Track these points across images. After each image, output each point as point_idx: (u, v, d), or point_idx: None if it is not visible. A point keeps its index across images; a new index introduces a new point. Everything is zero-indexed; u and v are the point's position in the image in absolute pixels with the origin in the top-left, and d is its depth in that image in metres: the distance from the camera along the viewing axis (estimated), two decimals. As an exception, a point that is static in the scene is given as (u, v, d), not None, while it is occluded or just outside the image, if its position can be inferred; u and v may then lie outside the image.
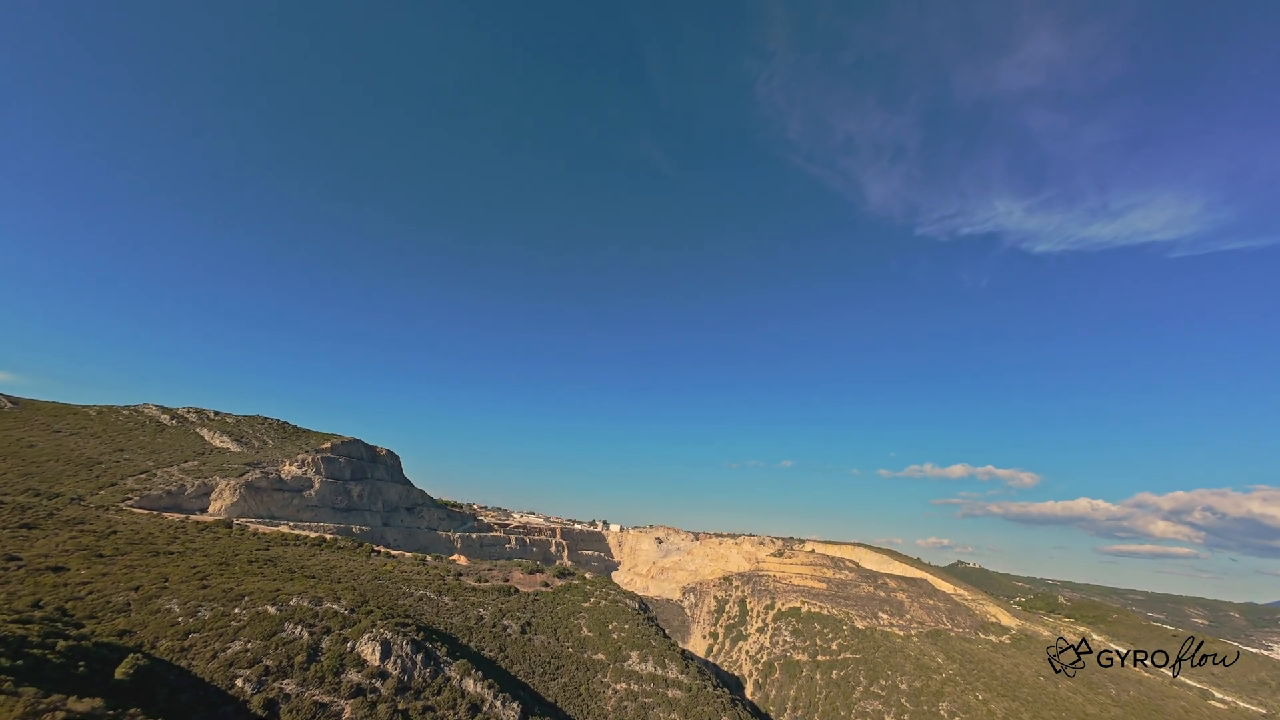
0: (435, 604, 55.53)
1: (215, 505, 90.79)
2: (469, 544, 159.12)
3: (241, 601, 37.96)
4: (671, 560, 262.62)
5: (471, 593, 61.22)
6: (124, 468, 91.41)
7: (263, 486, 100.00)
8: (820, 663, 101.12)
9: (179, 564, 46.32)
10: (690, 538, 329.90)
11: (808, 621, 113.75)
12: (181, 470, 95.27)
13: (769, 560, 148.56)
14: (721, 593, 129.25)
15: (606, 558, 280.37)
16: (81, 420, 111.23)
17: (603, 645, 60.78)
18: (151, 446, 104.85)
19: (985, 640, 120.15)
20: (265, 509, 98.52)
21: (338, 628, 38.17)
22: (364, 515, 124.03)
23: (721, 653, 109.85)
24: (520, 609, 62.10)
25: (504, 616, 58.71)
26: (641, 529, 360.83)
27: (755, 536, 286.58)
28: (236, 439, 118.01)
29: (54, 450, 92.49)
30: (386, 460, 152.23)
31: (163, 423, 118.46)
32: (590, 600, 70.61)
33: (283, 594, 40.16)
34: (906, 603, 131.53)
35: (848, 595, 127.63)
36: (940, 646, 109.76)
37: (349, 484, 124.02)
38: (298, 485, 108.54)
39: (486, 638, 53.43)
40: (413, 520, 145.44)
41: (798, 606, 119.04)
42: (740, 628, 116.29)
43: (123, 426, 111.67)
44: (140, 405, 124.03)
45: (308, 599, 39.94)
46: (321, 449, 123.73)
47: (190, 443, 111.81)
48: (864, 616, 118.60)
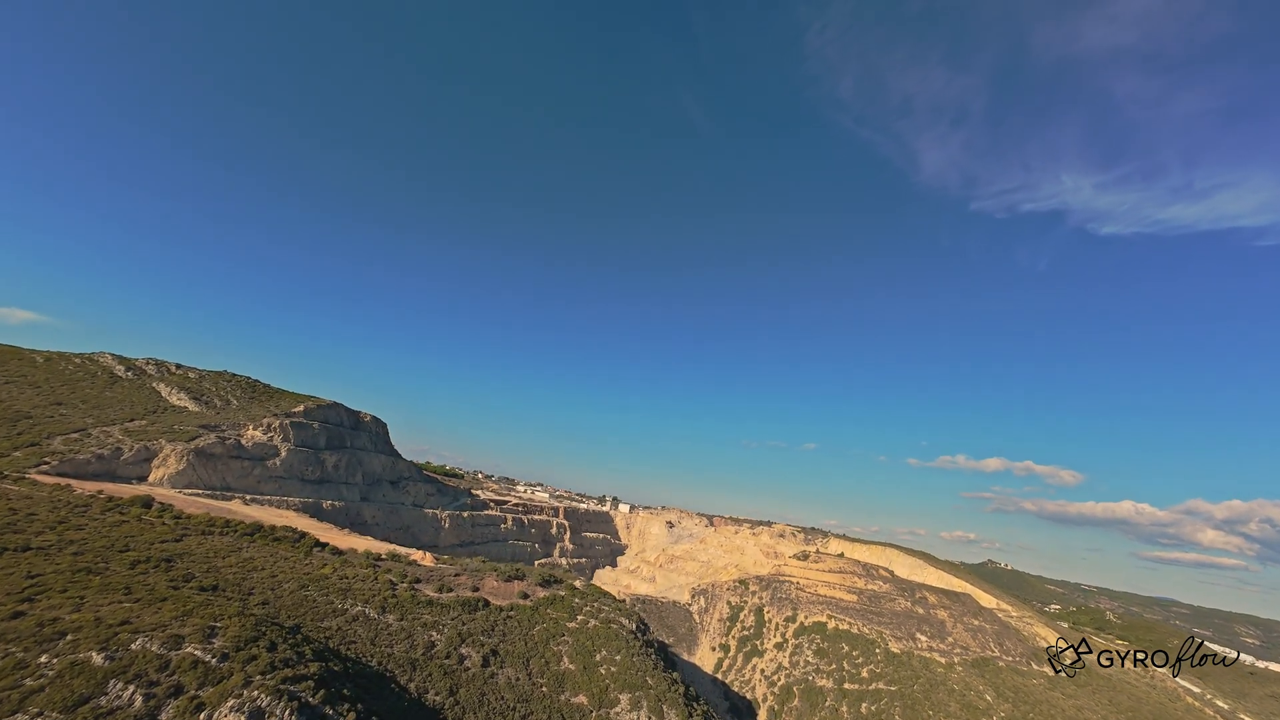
0: (375, 625, 45.88)
1: (157, 473, 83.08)
2: (459, 525, 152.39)
3: (59, 643, 28.05)
4: (682, 548, 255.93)
5: (426, 608, 51.55)
6: (57, 424, 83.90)
7: (217, 453, 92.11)
8: (848, 692, 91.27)
9: (28, 565, 36.98)
10: (704, 522, 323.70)
11: (834, 640, 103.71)
12: (123, 431, 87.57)
13: (792, 564, 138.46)
14: (736, 598, 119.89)
15: (613, 540, 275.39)
16: (25, 367, 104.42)
17: (586, 684, 50.90)
18: (97, 401, 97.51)
19: (1040, 673, 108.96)
20: (219, 479, 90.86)
21: (194, 686, 28.10)
22: (339, 489, 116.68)
23: (733, 669, 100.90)
24: (487, 630, 52.36)
25: (464, 642, 48.97)
26: (652, 510, 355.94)
27: (774, 526, 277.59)
28: (196, 397, 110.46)
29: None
30: (370, 427, 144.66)
31: (116, 374, 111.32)
32: (577, 619, 60.79)
33: (130, 627, 30.23)
34: (948, 623, 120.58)
35: (881, 611, 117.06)
36: (989, 679, 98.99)
37: (323, 453, 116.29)
38: (260, 453, 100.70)
39: (435, 674, 43.68)
40: (396, 495, 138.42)
41: (823, 621, 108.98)
42: (756, 641, 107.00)
43: (70, 377, 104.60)
44: (95, 354, 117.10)
45: (161, 638, 29.92)
46: (293, 412, 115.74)
47: (143, 398, 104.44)
48: (899, 637, 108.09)
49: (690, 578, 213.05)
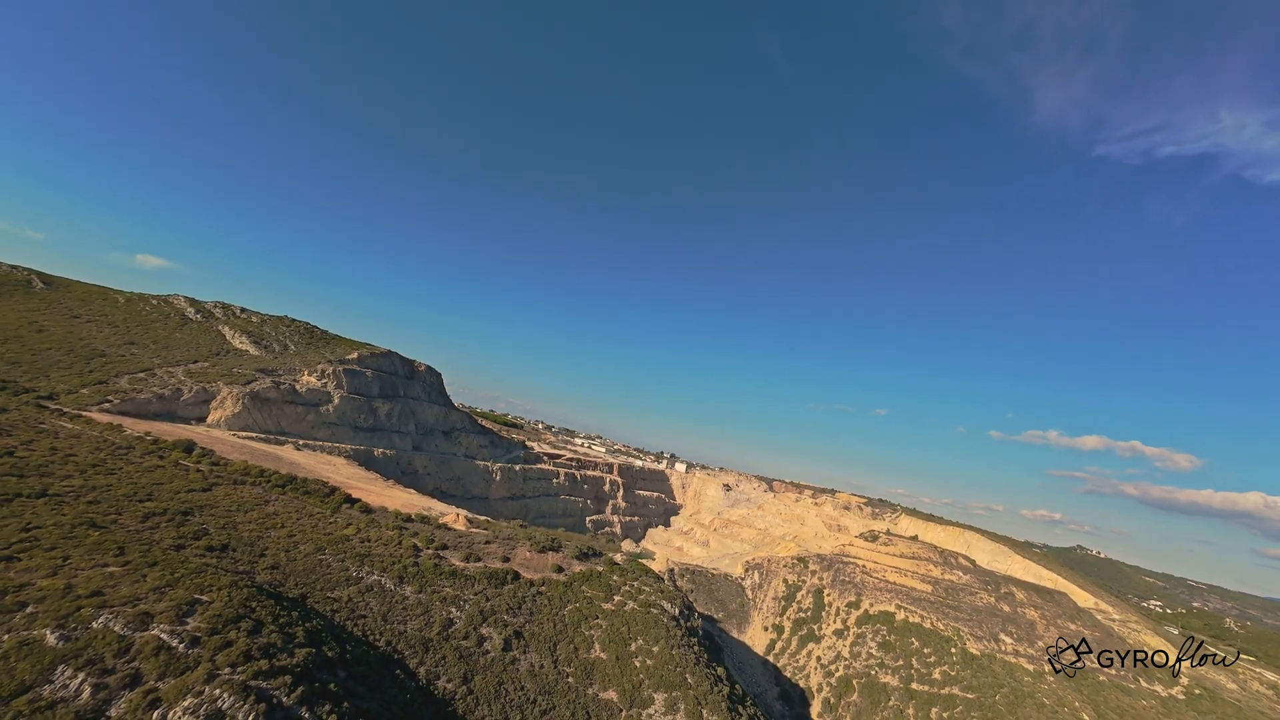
0: (389, 598, 43.06)
1: (215, 415, 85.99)
2: (510, 477, 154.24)
3: (15, 616, 25.61)
4: (739, 513, 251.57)
5: (449, 579, 48.49)
6: (127, 363, 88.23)
7: (272, 398, 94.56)
8: (916, 693, 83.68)
9: (31, 516, 35.94)
10: (763, 487, 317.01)
11: (903, 633, 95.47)
12: (186, 372, 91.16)
13: (858, 544, 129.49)
14: (794, 576, 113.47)
15: (668, 499, 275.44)
16: (108, 307, 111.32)
17: (618, 677, 46.50)
18: (166, 342, 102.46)
19: (1150, 691, 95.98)
20: (273, 423, 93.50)
21: (153, 676, 24.99)
22: (391, 437, 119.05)
23: (785, 653, 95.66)
24: (513, 608, 48.81)
25: (485, 620, 45.54)
26: (710, 471, 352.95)
27: (838, 496, 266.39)
28: (257, 341, 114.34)
29: (63, 338, 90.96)
30: (424, 377, 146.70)
31: (187, 316, 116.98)
32: (614, 600, 56.44)
33: (98, 600, 27.61)
34: (1039, 624, 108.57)
35: (959, 605, 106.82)
36: (1087, 695, 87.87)
37: (375, 401, 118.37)
38: (314, 399, 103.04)
39: (449, 658, 40.38)
40: (448, 446, 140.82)
41: (890, 611, 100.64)
42: (813, 625, 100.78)
43: (145, 318, 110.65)
44: (169, 296, 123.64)
45: (128, 615, 27.06)
46: (346, 359, 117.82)
47: (209, 341, 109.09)
48: (980, 637, 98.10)
49: (745, 545, 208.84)
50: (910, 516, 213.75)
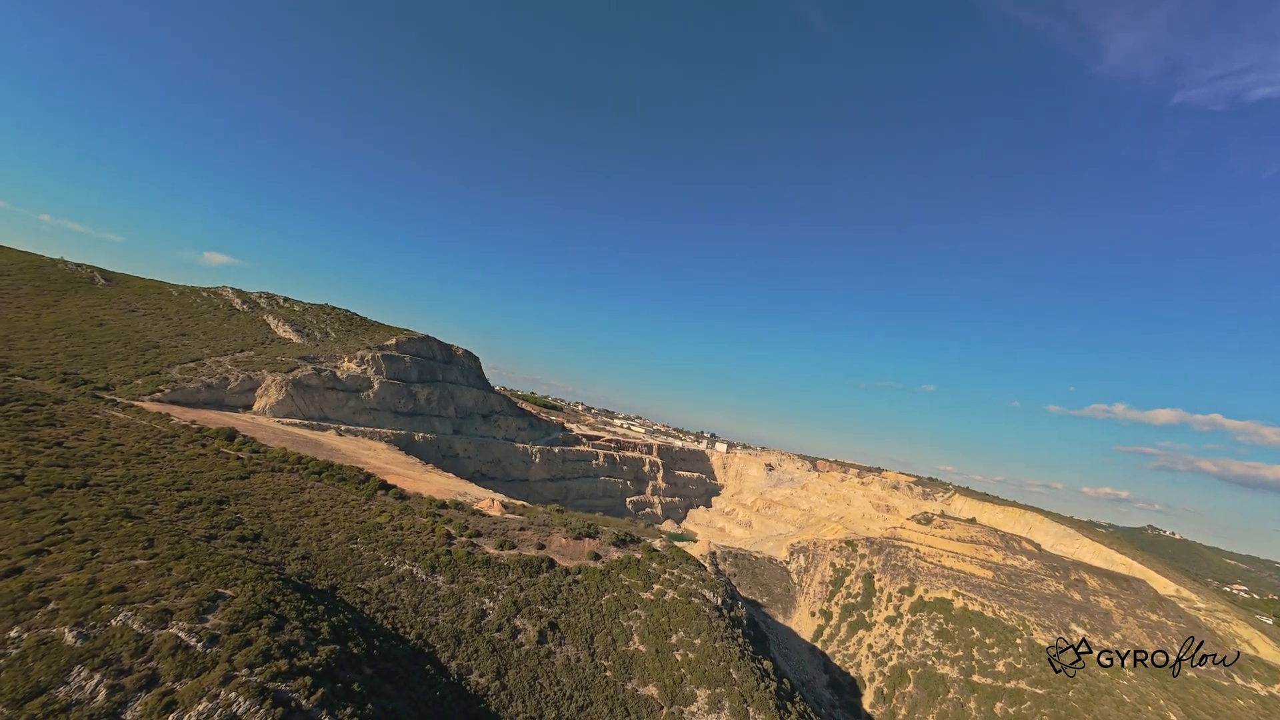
0: (421, 588, 42.16)
1: (260, 403, 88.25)
2: (549, 459, 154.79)
3: (37, 613, 25.17)
4: (782, 493, 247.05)
5: (482, 568, 47.37)
6: (179, 353, 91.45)
7: (314, 384, 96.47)
8: (977, 685, 79.00)
9: (69, 507, 36.31)
10: (806, 466, 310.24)
11: (962, 622, 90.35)
12: (233, 361, 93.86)
13: (910, 526, 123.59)
14: (841, 560, 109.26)
15: (709, 480, 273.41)
16: (162, 300, 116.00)
17: (658, 671, 44.48)
18: (215, 332, 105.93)
19: (1247, 690, 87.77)
20: (316, 409, 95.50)
21: (170, 677, 24.13)
22: (431, 421, 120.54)
23: (834, 640, 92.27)
24: (548, 597, 47.34)
25: (519, 611, 44.20)
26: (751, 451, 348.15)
27: (885, 475, 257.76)
28: (299, 329, 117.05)
29: (120, 330, 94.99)
30: (463, 361, 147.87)
31: (235, 307, 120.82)
32: (653, 588, 54.38)
33: (120, 596, 27.06)
34: (1115, 614, 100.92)
35: (1024, 592, 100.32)
36: (1173, 693, 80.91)
37: (414, 386, 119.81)
38: (354, 385, 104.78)
39: (482, 651, 39.17)
40: (488, 429, 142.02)
41: (948, 598, 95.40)
42: (863, 612, 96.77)
43: (196, 309, 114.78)
44: (218, 288, 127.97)
45: (148, 612, 26.36)
46: (385, 345, 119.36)
47: (254, 330, 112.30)
48: (1048, 627, 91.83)
49: (789, 526, 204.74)
50: (964, 496, 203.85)
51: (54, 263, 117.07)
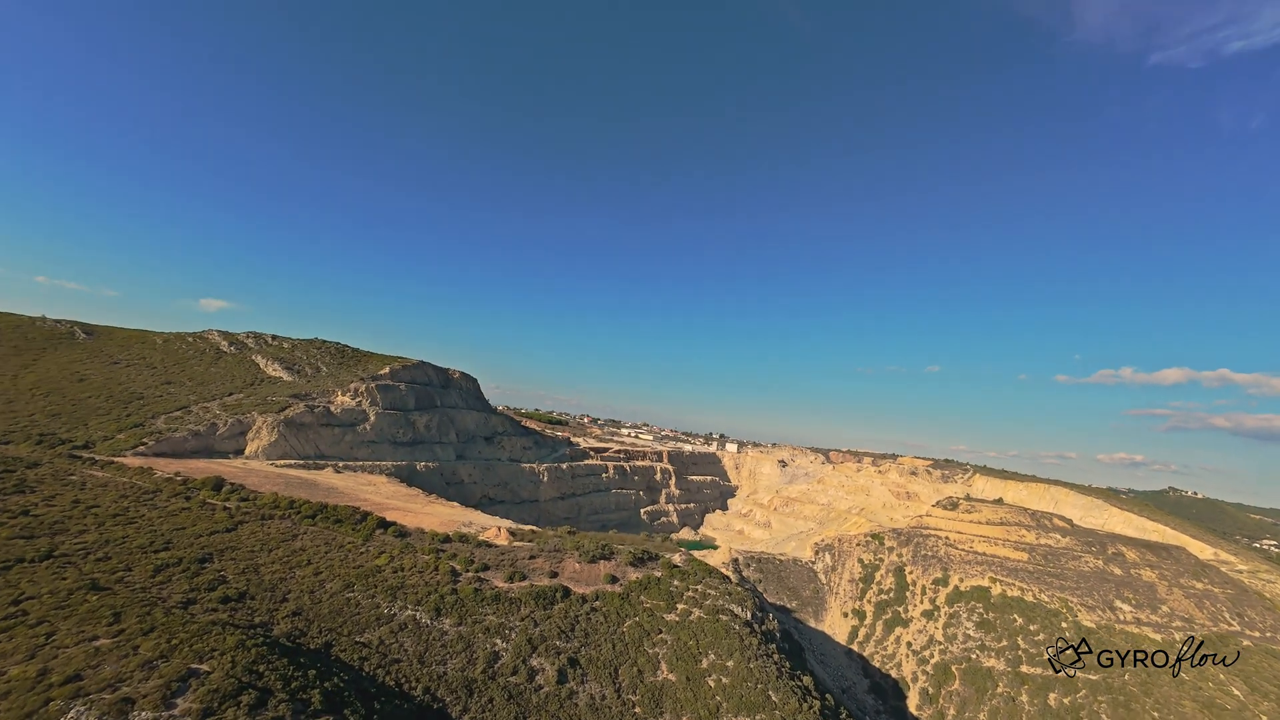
0: (426, 635, 38.91)
1: (252, 446, 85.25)
2: (558, 477, 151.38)
3: (-24, 716, 22.02)
4: (798, 489, 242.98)
5: (492, 605, 44.09)
6: (165, 403, 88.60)
7: (307, 422, 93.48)
8: (1027, 676, 75.23)
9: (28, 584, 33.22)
10: (819, 459, 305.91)
11: (1002, 610, 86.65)
12: (221, 405, 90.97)
13: (936, 513, 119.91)
14: (869, 555, 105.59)
15: (722, 482, 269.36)
16: (146, 349, 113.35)
17: (690, 701, 41.11)
18: (203, 378, 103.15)
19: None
20: (311, 447, 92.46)
21: (132, 781, 20.96)
22: (432, 449, 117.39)
23: (871, 640, 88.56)
24: (565, 631, 44.00)
25: (535, 650, 40.89)
26: (762, 449, 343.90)
27: (901, 460, 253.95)
28: (289, 367, 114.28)
29: (102, 384, 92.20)
30: (461, 384, 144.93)
31: (222, 350, 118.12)
32: (677, 609, 51.02)
33: (74, 687, 23.96)
34: (1159, 586, 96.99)
35: (1062, 571, 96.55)
36: (1234, 666, 76.97)
37: (413, 414, 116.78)
38: (350, 419, 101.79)
39: (497, 699, 35.89)
40: (492, 451, 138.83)
41: (984, 585, 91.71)
42: (897, 608, 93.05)
43: (182, 356, 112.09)
44: (204, 331, 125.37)
45: (105, 703, 23.27)
46: (379, 375, 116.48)
47: (243, 371, 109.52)
48: (1092, 607, 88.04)
49: (809, 522, 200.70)
50: (984, 476, 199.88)
51: (33, 321, 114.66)
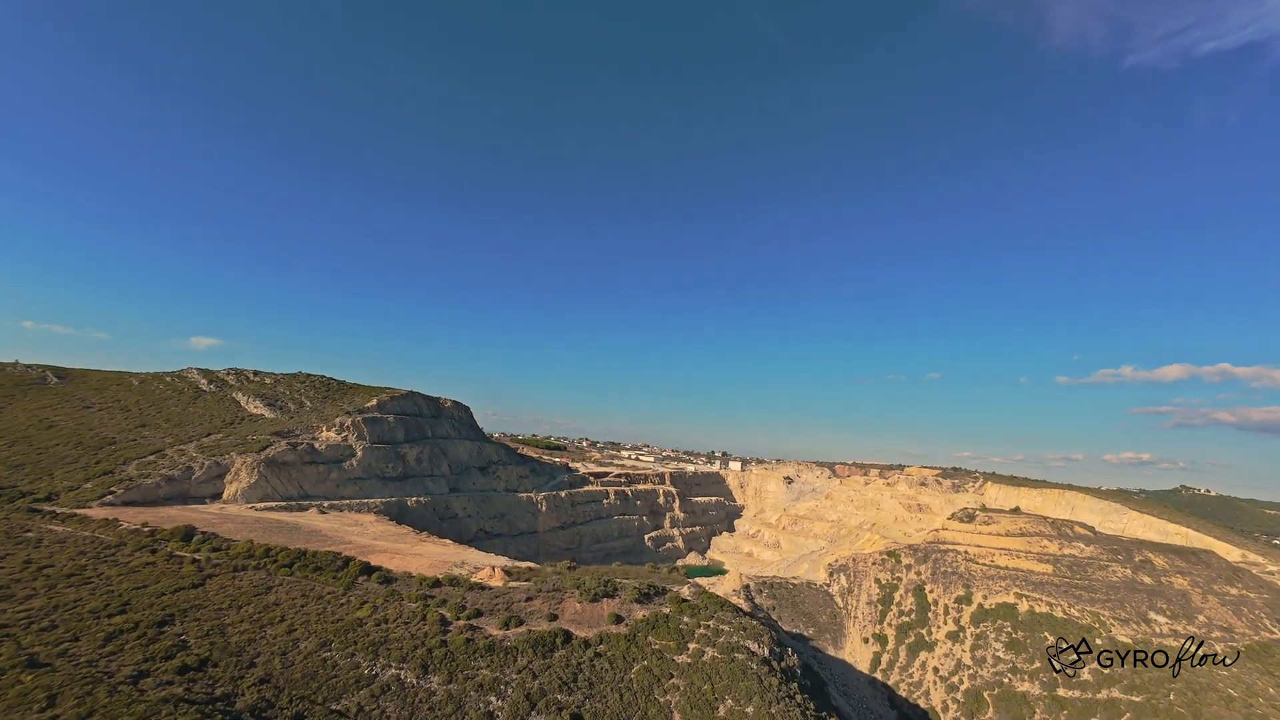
0: (411, 697, 35.07)
1: (231, 489, 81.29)
2: (557, 506, 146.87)
3: None
4: (806, 505, 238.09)
5: (485, 656, 40.25)
6: (137, 448, 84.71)
7: (290, 460, 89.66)
8: (1065, 700, 70.93)
9: (-42, 663, 29.41)
10: (826, 474, 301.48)
11: (1031, 627, 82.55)
12: (198, 447, 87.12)
13: (953, 526, 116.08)
14: (885, 574, 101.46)
15: (728, 502, 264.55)
16: (122, 391, 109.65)
17: (710, 757, 37.07)
18: (179, 419, 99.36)
19: (1356, 661, 79.71)
20: (294, 487, 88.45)
21: None
22: (424, 483, 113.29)
23: (895, 667, 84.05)
24: (567, 681, 40.11)
25: (534, 707, 37.00)
26: (767, 466, 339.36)
27: (908, 471, 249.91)
28: (271, 403, 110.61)
29: (71, 431, 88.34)
30: (452, 413, 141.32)
31: (200, 388, 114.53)
32: (689, 649, 47.15)
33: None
34: (1193, 594, 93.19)
35: (1091, 583, 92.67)
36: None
37: (402, 447, 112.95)
38: (335, 455, 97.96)
39: (492, 769, 31.91)
40: (486, 482, 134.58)
41: (1010, 602, 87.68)
42: (920, 630, 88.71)
43: (159, 397, 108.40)
44: (183, 370, 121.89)
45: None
46: (365, 408, 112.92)
47: (223, 410, 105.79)
48: (1125, 620, 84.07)
49: (820, 540, 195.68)
50: (996, 484, 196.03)
51: (2, 367, 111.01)
